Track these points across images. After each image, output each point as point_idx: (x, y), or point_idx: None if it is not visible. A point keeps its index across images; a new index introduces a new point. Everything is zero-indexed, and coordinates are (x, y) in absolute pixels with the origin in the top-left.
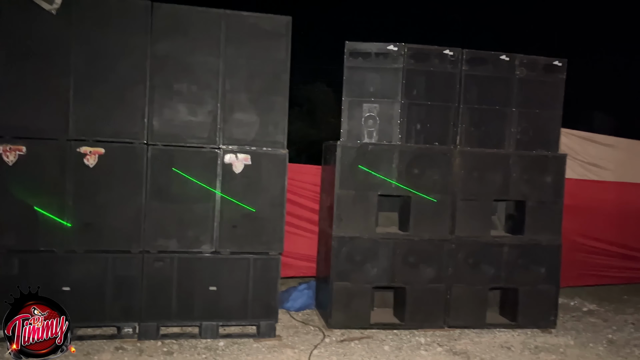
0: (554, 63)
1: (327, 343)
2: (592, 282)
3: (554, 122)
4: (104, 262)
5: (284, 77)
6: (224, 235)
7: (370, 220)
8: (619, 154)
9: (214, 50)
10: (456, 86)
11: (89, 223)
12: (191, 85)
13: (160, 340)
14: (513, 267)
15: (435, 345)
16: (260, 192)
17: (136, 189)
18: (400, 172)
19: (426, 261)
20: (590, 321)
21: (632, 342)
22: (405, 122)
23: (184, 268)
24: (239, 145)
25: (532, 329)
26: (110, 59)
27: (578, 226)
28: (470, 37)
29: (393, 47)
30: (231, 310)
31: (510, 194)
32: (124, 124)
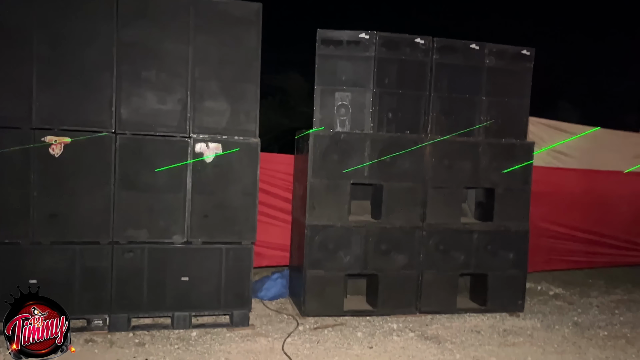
0: (522, 52)
1: (300, 331)
2: (558, 267)
3: (522, 110)
4: (72, 253)
5: (255, 65)
6: (196, 225)
7: (343, 208)
8: (584, 141)
9: (183, 37)
10: (427, 75)
11: (55, 214)
12: (160, 73)
13: (132, 332)
14: (482, 253)
15: (408, 331)
16: (232, 181)
17: (104, 179)
18: (372, 160)
19: (398, 248)
20: (556, 304)
21: (597, 324)
22: (377, 111)
23: (155, 259)
24: (210, 134)
25: (501, 313)
26: (75, 45)
27: (545, 213)
28: (440, 26)
29: (364, 36)
30: (204, 300)
31: (480, 181)
32: (90, 112)
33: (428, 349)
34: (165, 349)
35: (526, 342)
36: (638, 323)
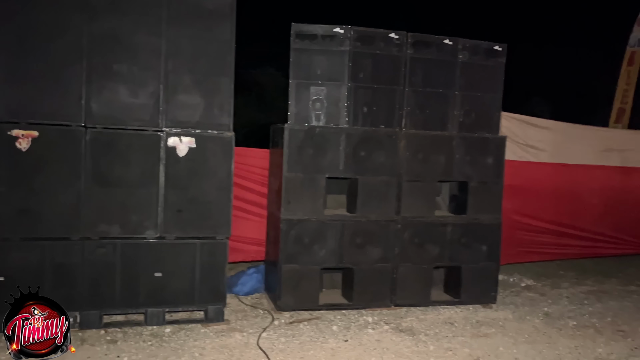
0: (494, 47)
1: (276, 325)
2: (530, 259)
3: (495, 105)
4: (41, 249)
5: (229, 58)
6: (169, 220)
7: (319, 202)
8: (555, 136)
9: (155, 30)
10: (401, 69)
11: (23, 210)
12: (132, 66)
13: (104, 329)
14: (456, 246)
15: (382, 324)
16: (206, 175)
17: (74, 174)
18: (347, 154)
19: (373, 242)
20: (528, 296)
21: (567, 314)
22: (352, 105)
23: (127, 254)
24: (183, 127)
25: (474, 305)
26: (44, 36)
27: (517, 205)
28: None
29: (339, 30)
30: (178, 296)
31: (454, 174)
32: (59, 105)
33: (402, 341)
34: (137, 345)
35: (498, 332)
36: (607, 313)
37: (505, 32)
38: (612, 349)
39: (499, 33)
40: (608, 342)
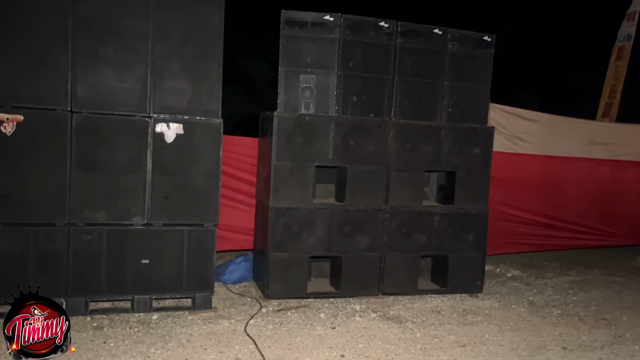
0: (483, 38)
1: (263, 313)
2: (516, 250)
3: (483, 95)
4: (25, 235)
5: (218, 44)
6: (156, 207)
7: (307, 191)
8: (542, 128)
9: (142, 13)
10: (391, 58)
11: (6, 195)
12: (119, 50)
13: (90, 316)
14: (443, 235)
15: (370, 312)
16: (194, 162)
17: (60, 159)
18: (336, 143)
19: (361, 230)
20: (514, 285)
21: (551, 304)
22: (342, 94)
23: (113, 241)
24: (171, 113)
25: (461, 294)
26: (28, 18)
27: (504, 197)
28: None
29: (329, 17)
30: (165, 283)
31: (442, 164)
32: (44, 89)
33: (389, 329)
34: (124, 332)
35: (484, 320)
36: (590, 302)
37: (494, 24)
38: (595, 337)
39: (487, 24)
40: (591, 330)
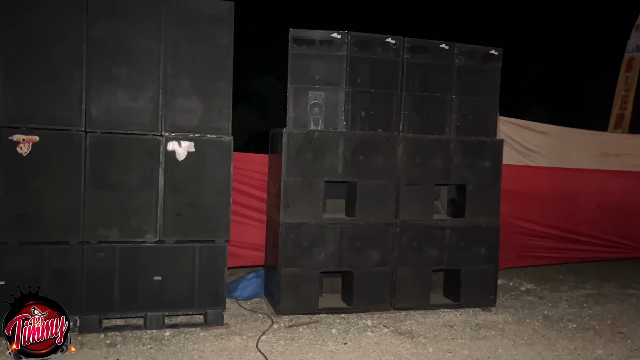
0: (490, 52)
1: (275, 329)
2: (530, 263)
3: (491, 108)
4: (40, 254)
5: (228, 63)
6: (168, 224)
7: (317, 206)
8: (552, 140)
9: (154, 34)
10: (399, 74)
11: (22, 214)
12: (131, 70)
13: (103, 333)
14: (455, 249)
15: (382, 327)
16: (205, 179)
17: (74, 178)
18: (345, 158)
19: (372, 245)
20: (528, 299)
21: (566, 317)
22: (350, 110)
23: (126, 258)
24: (182, 132)
25: (474, 308)
26: (44, 41)
27: (515, 210)
28: (411, 26)
29: (337, 35)
30: (177, 300)
31: (451, 178)
32: (59, 110)
33: (402, 344)
34: (137, 349)
35: (497, 335)
36: (606, 316)
37: (503, 37)
38: (611, 350)
39: (496, 38)
40: (607, 343)
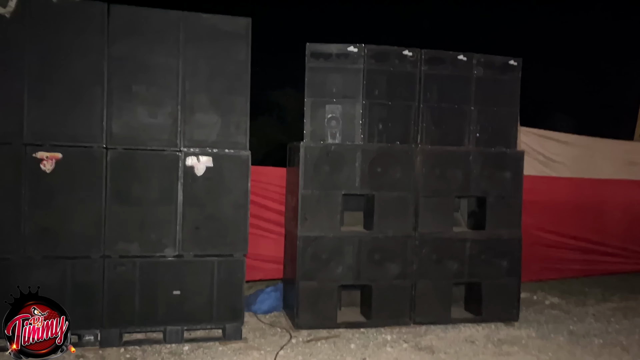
0: (509, 62)
1: (293, 344)
2: (554, 276)
3: (511, 119)
4: (63, 268)
5: (245, 78)
6: (187, 238)
7: (335, 219)
8: (576, 150)
9: (173, 51)
10: (416, 86)
11: (46, 228)
12: (150, 87)
13: (123, 347)
14: (476, 262)
15: (401, 342)
16: (223, 193)
17: (95, 193)
18: (363, 171)
19: (391, 258)
20: (552, 313)
21: (592, 332)
22: (367, 122)
23: (146, 272)
24: (200, 147)
25: (496, 323)
26: (66, 60)
27: (538, 221)
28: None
29: (353, 48)
30: (196, 314)
31: (471, 190)
32: (81, 127)
33: None
34: None
35: (521, 351)
36: (634, 330)
37: (525, 45)
38: None
39: (517, 46)
40: (635, 359)
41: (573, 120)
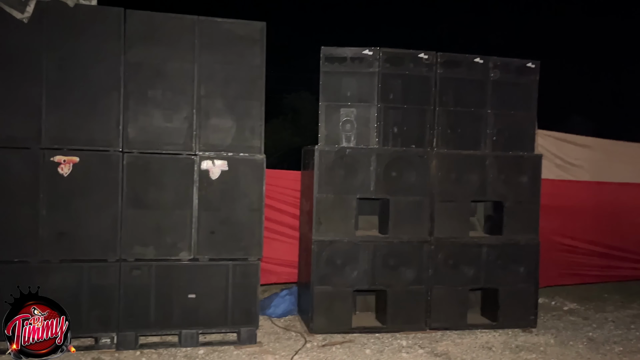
0: (527, 65)
1: (308, 348)
2: (573, 282)
3: (529, 122)
4: (80, 271)
5: (260, 82)
6: (202, 242)
7: (350, 223)
8: (595, 154)
9: (188, 56)
10: (431, 89)
11: (63, 232)
12: (166, 92)
13: (139, 350)
14: (492, 267)
15: (417, 348)
16: (238, 197)
17: (112, 197)
18: (378, 175)
19: (406, 263)
20: (571, 320)
21: (612, 340)
22: (382, 126)
23: (162, 276)
24: (216, 151)
25: (513, 329)
26: (84, 66)
27: (557, 226)
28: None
29: (368, 52)
30: (211, 318)
31: (488, 194)
32: (98, 131)
33: None
34: None
35: (539, 358)
36: None
37: (545, 46)
38: None
39: (536, 47)
40: None
41: (592, 123)
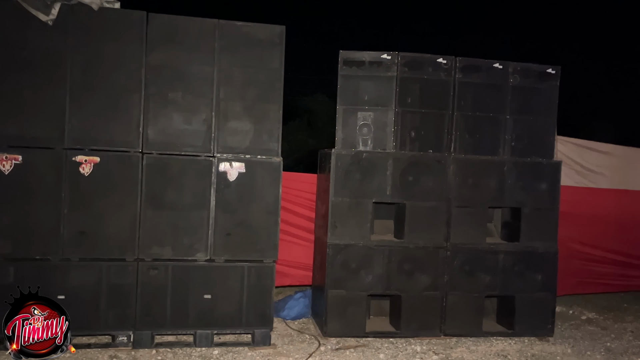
0: (547, 71)
1: (322, 351)
2: (591, 290)
3: (548, 129)
4: (99, 270)
5: (278, 86)
6: (219, 243)
7: (365, 227)
8: (616, 161)
9: (208, 59)
10: (450, 94)
11: (83, 231)
12: (186, 94)
13: (155, 349)
14: (509, 275)
15: (431, 354)
16: (255, 199)
17: (131, 198)
18: (394, 179)
19: (421, 268)
20: (589, 329)
21: (631, 350)
22: (400, 130)
23: (178, 276)
24: (233, 153)
25: (530, 337)
26: (106, 68)
27: (576, 234)
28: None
29: (387, 56)
30: (226, 319)
31: (506, 200)
32: (119, 132)
33: None
34: None
35: None
36: None
37: (562, 52)
38: None
39: (554, 54)
40: None
41: (613, 130)
